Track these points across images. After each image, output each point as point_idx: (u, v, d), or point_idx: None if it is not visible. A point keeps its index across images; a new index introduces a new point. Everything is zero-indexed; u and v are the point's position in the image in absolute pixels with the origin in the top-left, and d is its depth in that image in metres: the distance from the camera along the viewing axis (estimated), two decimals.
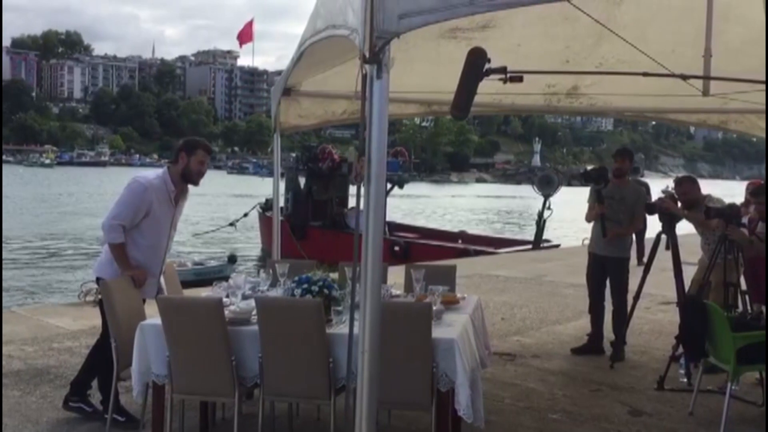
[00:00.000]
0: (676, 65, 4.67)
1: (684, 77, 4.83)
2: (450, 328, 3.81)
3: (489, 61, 3.88)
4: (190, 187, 4.67)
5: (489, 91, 4.14)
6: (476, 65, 3.86)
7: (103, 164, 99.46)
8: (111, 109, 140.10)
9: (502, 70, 4.00)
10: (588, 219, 6.56)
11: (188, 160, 4.49)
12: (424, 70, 5.51)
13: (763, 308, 5.28)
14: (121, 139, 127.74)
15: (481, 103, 5.83)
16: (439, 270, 5.17)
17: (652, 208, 6.15)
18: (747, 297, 5.53)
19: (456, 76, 3.84)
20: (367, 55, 2.36)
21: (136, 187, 4.42)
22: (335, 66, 5.42)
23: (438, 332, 3.66)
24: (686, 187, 6.04)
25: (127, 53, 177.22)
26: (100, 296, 4.59)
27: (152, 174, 4.57)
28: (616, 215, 6.34)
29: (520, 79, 4.17)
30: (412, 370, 3.58)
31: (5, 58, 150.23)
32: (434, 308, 3.81)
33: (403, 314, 3.58)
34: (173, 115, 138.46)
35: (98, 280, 4.55)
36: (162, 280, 4.70)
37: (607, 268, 6.44)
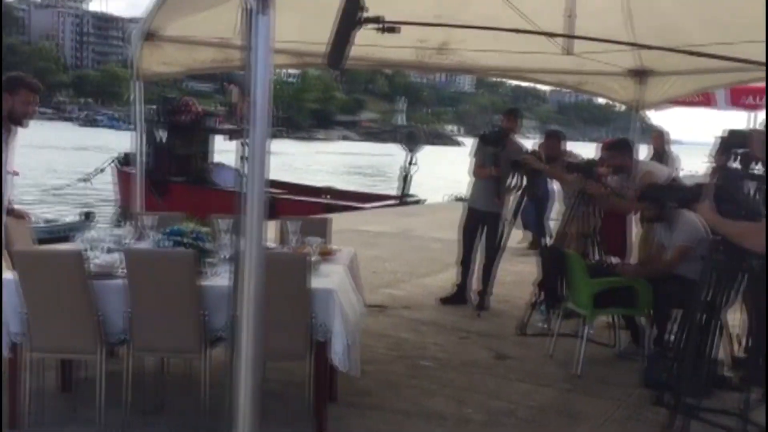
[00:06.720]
0: (541, 26, 4.86)
1: (552, 35, 5.05)
2: (327, 278, 3.81)
3: (367, 9, 3.84)
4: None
5: (362, 43, 4.10)
6: (351, 12, 3.80)
7: None
8: None
9: (377, 19, 3.97)
10: (476, 176, 6.71)
11: (12, 101, 4.13)
12: (297, 20, 5.36)
13: (614, 258, 5.64)
14: None
15: (352, 55, 5.76)
16: (314, 223, 5.13)
17: (517, 165, 6.41)
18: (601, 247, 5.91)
19: (329, 28, 3.76)
20: None
21: None
22: (202, 11, 5.16)
23: (316, 283, 3.64)
24: (551, 142, 6.36)
25: None
26: None
27: None
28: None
29: (395, 30, 4.16)
30: (289, 321, 3.55)
31: None
32: (312, 259, 3.78)
33: (280, 265, 3.53)
34: (15, 61, 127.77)
35: None
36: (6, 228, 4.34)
37: (485, 223, 6.65)
